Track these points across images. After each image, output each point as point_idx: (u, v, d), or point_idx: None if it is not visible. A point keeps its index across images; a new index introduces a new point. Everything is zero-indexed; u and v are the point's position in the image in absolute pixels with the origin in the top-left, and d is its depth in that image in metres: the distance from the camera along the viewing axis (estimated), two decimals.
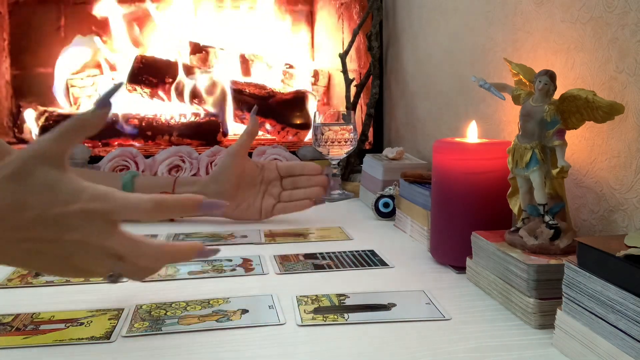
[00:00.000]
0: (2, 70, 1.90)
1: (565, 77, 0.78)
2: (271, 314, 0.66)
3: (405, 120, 1.48)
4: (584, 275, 0.54)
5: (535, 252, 0.67)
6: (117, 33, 1.97)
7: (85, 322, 0.64)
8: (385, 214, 1.13)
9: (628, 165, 0.68)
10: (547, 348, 0.58)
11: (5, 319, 0.65)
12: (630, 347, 0.48)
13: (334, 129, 1.30)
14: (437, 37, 1.26)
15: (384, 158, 1.26)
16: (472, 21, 1.08)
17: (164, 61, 1.90)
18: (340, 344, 0.59)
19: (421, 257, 0.88)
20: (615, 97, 0.69)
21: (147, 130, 1.74)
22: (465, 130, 0.84)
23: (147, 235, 0.99)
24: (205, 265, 0.84)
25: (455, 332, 0.62)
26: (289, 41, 2.11)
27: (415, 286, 0.75)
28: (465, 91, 1.11)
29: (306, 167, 1.12)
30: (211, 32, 2.02)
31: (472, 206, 0.79)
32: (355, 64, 1.78)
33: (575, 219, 0.76)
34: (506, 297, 0.67)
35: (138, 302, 0.70)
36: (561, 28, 0.80)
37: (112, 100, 0.60)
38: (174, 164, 1.37)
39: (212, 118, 1.78)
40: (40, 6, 1.96)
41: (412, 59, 1.43)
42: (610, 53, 0.70)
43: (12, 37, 1.94)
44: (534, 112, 0.68)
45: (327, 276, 0.80)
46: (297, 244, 0.96)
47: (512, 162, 0.71)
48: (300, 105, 1.86)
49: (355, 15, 1.76)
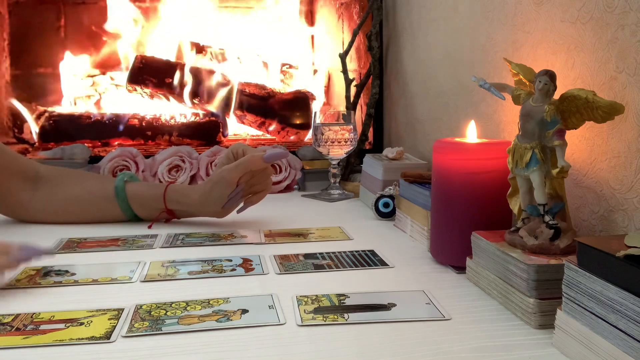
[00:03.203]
0: (2, 70, 1.90)
1: (565, 77, 0.78)
2: (271, 314, 0.66)
3: (405, 120, 1.48)
4: (584, 275, 0.54)
5: (535, 252, 0.67)
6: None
7: (85, 322, 0.64)
8: (385, 214, 1.13)
9: (628, 165, 0.68)
10: (547, 348, 0.58)
11: (5, 319, 0.65)
12: (630, 347, 0.48)
13: (334, 129, 1.30)
14: (437, 37, 1.26)
15: (384, 158, 1.26)
16: (472, 21, 1.08)
17: (164, 61, 1.90)
18: (340, 344, 0.59)
19: (421, 257, 0.88)
20: (615, 97, 0.69)
21: (147, 130, 1.74)
22: (465, 130, 0.84)
23: (147, 235, 1.00)
24: (205, 265, 0.84)
25: (455, 332, 0.62)
26: (289, 41, 2.11)
27: (415, 286, 0.75)
28: (465, 91, 1.11)
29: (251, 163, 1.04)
30: (211, 33, 2.03)
31: (472, 206, 0.79)
32: (355, 64, 1.78)
33: (575, 219, 0.76)
34: (506, 297, 0.67)
35: (138, 302, 0.70)
36: (561, 28, 0.80)
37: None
38: (174, 164, 1.37)
39: (212, 118, 1.78)
40: (40, 6, 1.97)
41: (412, 59, 1.43)
42: (610, 53, 0.70)
43: (12, 37, 1.94)
44: (534, 112, 0.68)
45: (327, 276, 0.80)
46: (297, 244, 0.96)
47: (512, 162, 0.71)
48: (301, 105, 1.86)
49: (355, 15, 1.76)
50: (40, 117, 1.75)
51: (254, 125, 1.90)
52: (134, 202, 1.07)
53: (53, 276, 0.80)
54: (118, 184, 1.07)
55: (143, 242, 0.97)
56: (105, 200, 1.08)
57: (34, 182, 1.10)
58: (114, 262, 0.86)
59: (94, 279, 0.79)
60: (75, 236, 1.00)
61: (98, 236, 1.00)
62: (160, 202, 1.06)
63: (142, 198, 1.07)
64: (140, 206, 1.08)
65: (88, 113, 1.79)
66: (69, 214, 1.09)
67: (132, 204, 1.07)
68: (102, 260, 0.87)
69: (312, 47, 2.16)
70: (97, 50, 2.00)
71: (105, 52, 2.00)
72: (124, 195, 1.07)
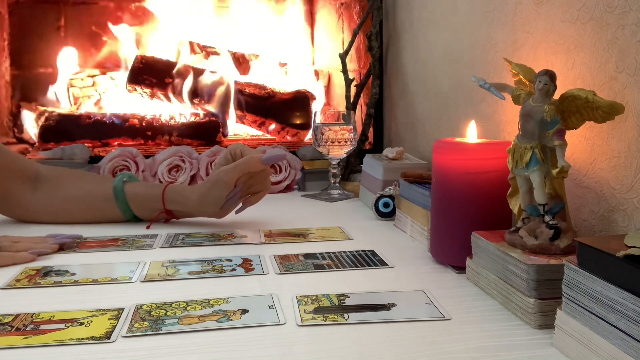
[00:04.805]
0: (2, 70, 1.90)
1: (565, 77, 0.78)
2: (271, 314, 0.66)
3: (405, 120, 1.48)
4: (584, 275, 0.54)
5: (535, 252, 0.67)
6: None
7: (85, 322, 0.64)
8: (385, 214, 1.13)
9: (628, 165, 0.68)
10: (547, 348, 0.58)
11: (5, 319, 0.65)
12: (630, 347, 0.48)
13: (334, 129, 1.30)
14: (437, 37, 1.26)
15: (384, 158, 1.26)
16: (472, 21, 1.08)
17: (164, 61, 1.90)
18: (340, 344, 0.59)
19: (421, 257, 0.88)
20: (615, 97, 0.69)
21: (147, 130, 1.74)
22: (465, 130, 0.84)
23: (147, 235, 1.00)
24: (205, 265, 0.84)
25: (455, 332, 0.62)
26: (289, 41, 2.11)
27: (415, 286, 0.75)
28: (465, 91, 1.11)
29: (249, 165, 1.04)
30: (211, 33, 2.03)
31: (472, 206, 0.78)
32: (355, 64, 1.78)
33: (575, 219, 0.76)
34: (506, 297, 0.67)
35: (138, 302, 0.70)
36: (561, 28, 0.80)
37: None
38: (173, 164, 1.37)
39: (212, 118, 1.78)
40: (40, 6, 1.97)
41: (412, 59, 1.42)
42: (610, 53, 0.70)
43: (12, 37, 1.94)
44: (534, 112, 0.68)
45: (327, 276, 0.80)
46: (297, 244, 0.96)
47: (512, 162, 0.71)
48: (300, 105, 1.86)
49: (355, 15, 1.76)
50: (40, 117, 1.75)
51: (254, 125, 1.90)
52: (132, 202, 1.07)
53: (53, 276, 0.80)
54: (117, 184, 1.07)
55: (143, 242, 0.97)
56: (104, 201, 1.08)
57: (33, 182, 1.10)
58: (113, 262, 0.86)
59: (94, 279, 0.79)
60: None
61: (98, 236, 1.00)
62: (159, 203, 1.07)
63: (141, 198, 1.08)
64: (139, 206, 1.08)
65: (88, 113, 1.79)
66: (68, 214, 1.09)
67: (131, 205, 1.07)
68: (102, 260, 0.87)
69: (312, 46, 2.16)
70: (97, 50, 2.00)
71: (105, 52, 2.00)
72: (123, 195, 1.07)
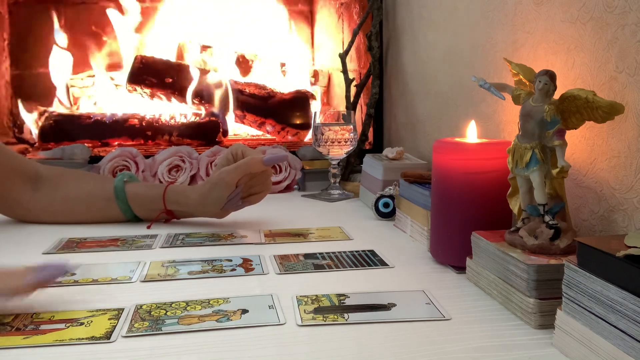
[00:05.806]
0: (2, 70, 1.90)
1: (565, 77, 0.78)
2: (271, 314, 0.66)
3: (405, 120, 1.48)
4: (584, 275, 0.54)
5: (535, 252, 0.67)
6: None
7: (85, 322, 0.64)
8: (385, 214, 1.13)
9: (628, 165, 0.68)
10: (547, 348, 0.58)
11: (5, 319, 0.65)
12: (631, 347, 0.48)
13: (334, 129, 1.30)
14: (437, 37, 1.26)
15: (384, 158, 1.26)
16: (472, 21, 1.08)
17: (164, 61, 1.90)
18: (340, 344, 0.59)
19: (421, 257, 0.88)
20: (615, 97, 0.69)
21: (147, 130, 1.74)
22: (465, 130, 0.84)
23: (147, 235, 1.00)
24: (205, 265, 0.84)
25: (455, 332, 0.62)
26: (288, 41, 2.11)
27: (415, 286, 0.75)
28: (465, 91, 1.11)
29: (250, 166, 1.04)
30: (210, 32, 2.03)
31: (472, 206, 0.78)
32: (355, 64, 1.78)
33: (575, 219, 0.76)
34: (506, 297, 0.67)
35: (138, 302, 0.70)
36: (561, 28, 0.80)
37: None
38: (174, 164, 1.37)
39: (212, 118, 1.78)
40: (40, 6, 1.96)
41: (412, 59, 1.43)
42: (610, 53, 0.70)
43: (12, 37, 1.94)
44: (534, 112, 0.68)
45: (327, 276, 0.80)
46: (297, 244, 0.96)
47: (512, 162, 0.71)
48: (300, 105, 1.86)
49: (355, 15, 1.76)
50: (40, 117, 1.75)
51: (254, 125, 1.90)
52: (133, 202, 1.07)
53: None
54: (117, 184, 1.07)
55: (143, 242, 0.97)
56: (104, 201, 1.08)
57: (34, 182, 1.10)
58: (113, 262, 0.86)
59: (94, 279, 0.79)
60: (75, 236, 1.00)
61: (98, 236, 1.00)
62: (159, 203, 1.07)
63: (141, 198, 1.08)
64: (139, 206, 1.08)
65: (88, 113, 1.79)
66: (68, 214, 1.09)
67: (132, 205, 1.07)
68: (102, 260, 0.87)
69: (312, 46, 2.17)
70: (97, 50, 2.00)
71: (105, 52, 2.00)
72: (124, 195, 1.07)
